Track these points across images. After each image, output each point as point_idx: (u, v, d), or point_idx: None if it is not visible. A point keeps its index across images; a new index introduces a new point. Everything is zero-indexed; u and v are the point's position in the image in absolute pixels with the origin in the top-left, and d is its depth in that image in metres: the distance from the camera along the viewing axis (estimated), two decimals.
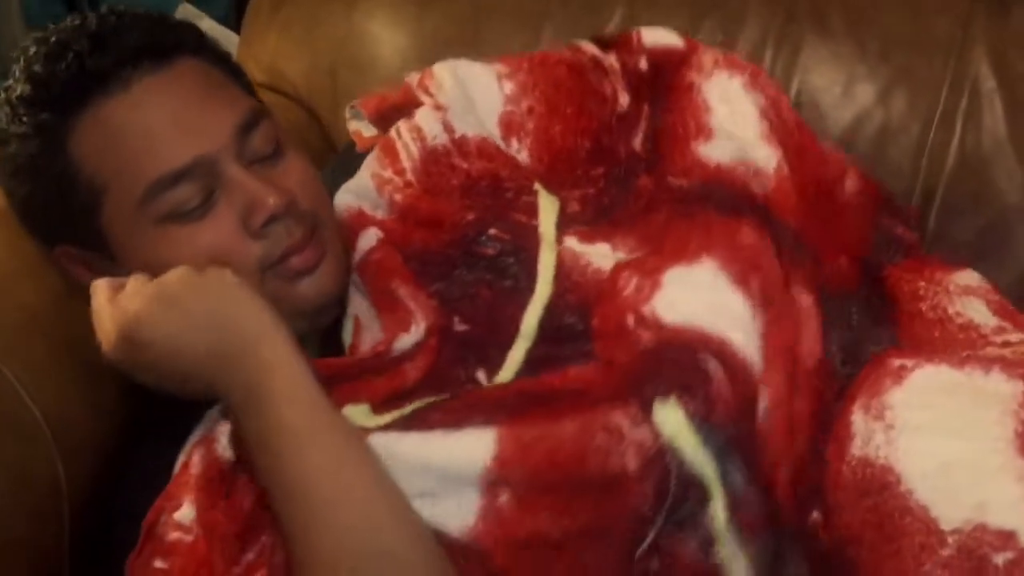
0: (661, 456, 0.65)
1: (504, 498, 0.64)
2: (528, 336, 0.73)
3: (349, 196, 0.79)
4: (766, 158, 0.80)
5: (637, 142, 0.83)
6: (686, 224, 0.76)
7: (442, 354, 0.72)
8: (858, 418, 0.69)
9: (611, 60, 0.88)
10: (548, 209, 0.79)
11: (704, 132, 0.81)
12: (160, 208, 0.71)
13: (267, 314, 0.68)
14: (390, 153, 0.79)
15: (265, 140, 0.75)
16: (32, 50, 0.74)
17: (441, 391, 0.70)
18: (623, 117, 0.85)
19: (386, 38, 1.08)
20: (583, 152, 0.81)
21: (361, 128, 0.86)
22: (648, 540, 0.64)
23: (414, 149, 0.78)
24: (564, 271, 0.75)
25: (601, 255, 0.75)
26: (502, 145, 0.82)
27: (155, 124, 0.72)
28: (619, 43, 0.89)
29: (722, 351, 0.68)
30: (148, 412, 0.78)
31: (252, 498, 0.66)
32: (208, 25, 1.92)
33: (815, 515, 0.67)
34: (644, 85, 0.86)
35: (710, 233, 0.74)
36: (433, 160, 0.78)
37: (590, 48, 0.90)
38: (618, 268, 0.74)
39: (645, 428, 0.65)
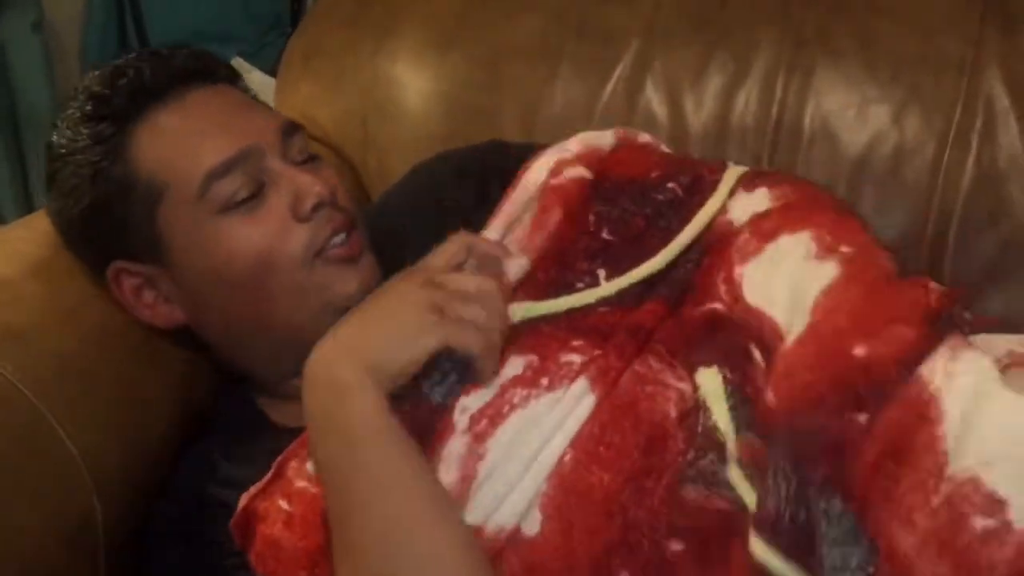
0: (696, 410, 0.72)
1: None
2: (653, 266, 0.80)
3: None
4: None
5: None
6: (814, 196, 0.83)
7: (576, 244, 0.82)
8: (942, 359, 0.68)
9: None
10: (732, 172, 0.87)
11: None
12: (216, 199, 0.78)
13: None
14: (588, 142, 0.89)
15: (303, 148, 0.84)
16: (89, 78, 0.83)
17: (562, 274, 0.80)
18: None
19: (409, 82, 1.12)
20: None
21: None
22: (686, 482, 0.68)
23: (610, 139, 0.91)
24: (708, 228, 0.82)
25: (755, 202, 0.83)
26: None
27: (206, 125, 0.81)
28: None
29: (772, 343, 0.73)
30: (184, 446, 0.84)
31: None
32: (258, 78, 2.00)
33: (861, 418, 0.66)
34: None
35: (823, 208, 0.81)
36: (630, 146, 0.90)
37: None
38: (748, 224, 0.80)
39: (687, 383, 0.73)
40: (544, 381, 0.72)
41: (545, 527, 0.67)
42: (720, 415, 0.71)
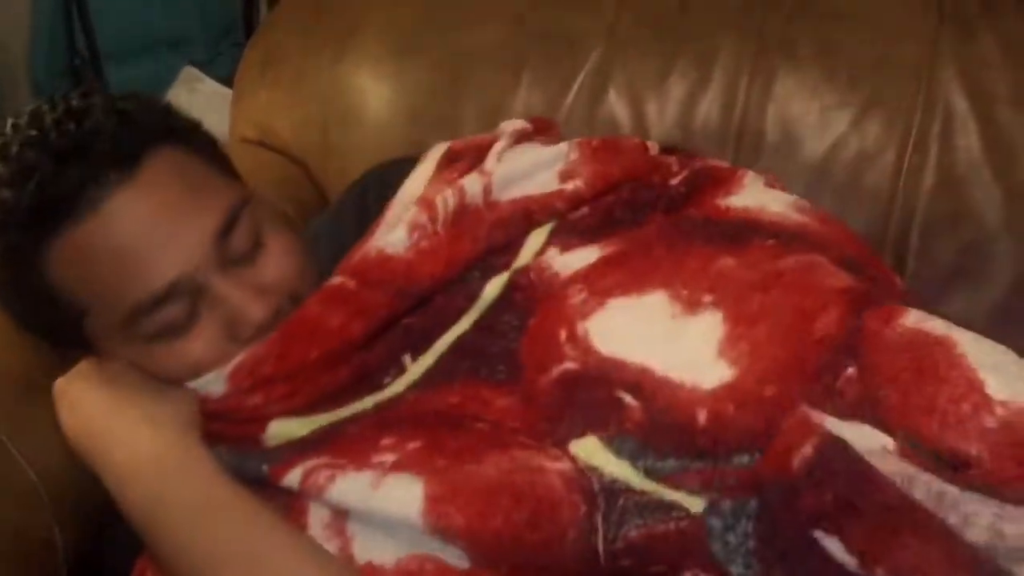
0: (582, 475, 0.68)
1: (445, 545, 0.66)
2: (462, 325, 0.75)
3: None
4: (789, 211, 0.82)
5: (673, 181, 0.84)
6: (662, 252, 0.77)
7: (377, 347, 0.75)
8: (914, 313, 0.68)
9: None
10: (535, 238, 0.81)
11: (734, 191, 0.84)
12: (144, 330, 0.71)
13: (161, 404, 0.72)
14: (430, 206, 0.79)
15: (245, 236, 0.73)
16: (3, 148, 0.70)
17: (366, 376, 0.75)
18: (670, 165, 0.87)
19: (371, 89, 1.11)
20: (624, 179, 0.83)
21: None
22: (601, 542, 0.65)
23: (451, 203, 0.79)
24: (521, 274, 0.77)
25: (577, 260, 0.77)
26: (552, 189, 0.82)
27: (128, 245, 0.69)
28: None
29: (640, 380, 0.70)
30: None
31: None
32: (210, 88, 1.97)
33: (850, 371, 0.66)
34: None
35: (680, 266, 0.75)
36: (463, 214, 0.79)
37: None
38: (575, 277, 0.75)
39: (564, 460, 0.69)
40: (352, 467, 0.70)
41: None
42: (612, 467, 0.68)
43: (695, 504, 0.65)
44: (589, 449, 0.69)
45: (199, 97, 1.96)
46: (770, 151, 1.02)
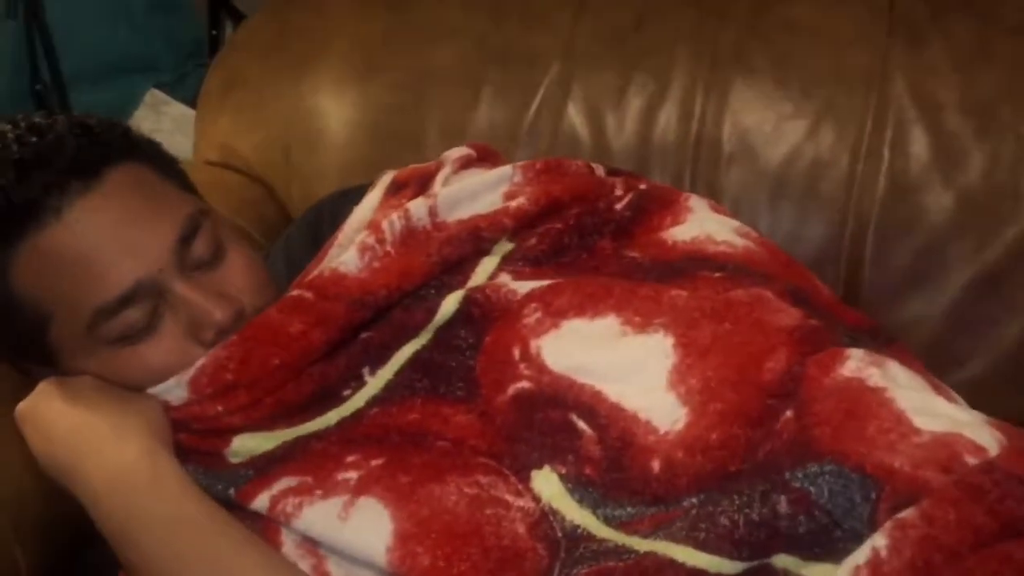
0: (545, 518, 0.69)
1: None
2: (420, 340, 0.76)
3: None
4: (734, 238, 0.84)
5: (619, 206, 0.86)
6: (614, 282, 0.78)
7: (337, 360, 0.76)
8: (856, 357, 0.70)
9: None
10: (486, 264, 0.82)
11: (677, 222, 0.85)
12: (107, 334, 0.72)
13: (130, 416, 0.72)
14: (377, 230, 0.80)
15: (205, 244, 0.74)
16: None
17: (327, 389, 0.75)
18: (613, 186, 0.88)
19: (333, 111, 1.12)
20: (567, 196, 0.84)
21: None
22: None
23: (398, 226, 0.80)
24: (477, 291, 0.77)
25: (531, 284, 0.78)
26: (496, 208, 0.83)
27: (91, 250, 0.70)
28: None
29: (594, 405, 0.71)
30: None
31: None
32: (177, 111, 1.98)
33: (788, 414, 0.67)
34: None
35: (632, 294, 0.76)
36: (411, 235, 0.80)
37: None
38: (530, 296, 0.76)
39: (527, 497, 0.70)
40: (319, 492, 0.71)
41: None
42: (574, 514, 0.69)
43: (644, 545, 0.66)
44: (552, 491, 0.70)
45: (166, 120, 1.96)
46: (727, 162, 1.04)
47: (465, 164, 0.88)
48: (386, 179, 0.88)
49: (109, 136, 0.74)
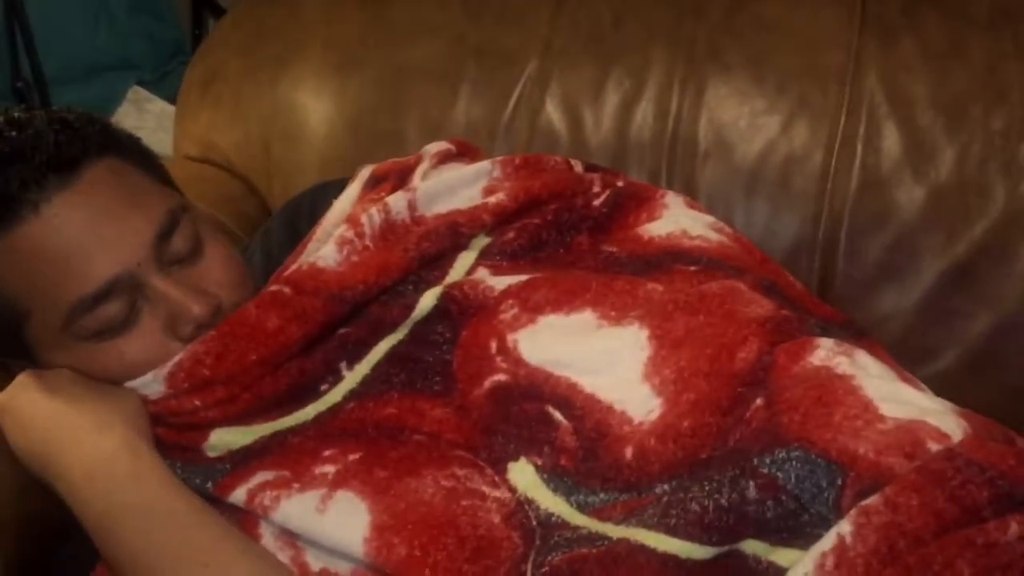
0: (520, 508, 0.70)
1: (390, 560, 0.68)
2: (397, 335, 0.77)
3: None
4: (709, 232, 0.85)
5: (596, 202, 0.87)
6: (590, 277, 0.80)
7: (314, 355, 0.76)
8: (825, 347, 0.71)
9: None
10: (464, 259, 0.83)
11: (653, 218, 0.86)
12: (85, 328, 0.72)
13: (108, 409, 0.72)
14: (356, 223, 0.81)
15: (184, 240, 0.75)
16: None
17: (305, 384, 0.76)
18: (591, 182, 0.89)
19: (312, 107, 1.12)
20: (545, 192, 0.85)
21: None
22: (530, 568, 0.67)
23: (377, 220, 0.81)
24: (455, 287, 0.78)
25: (508, 279, 0.79)
26: (475, 203, 0.83)
27: (69, 245, 0.71)
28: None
29: (569, 396, 0.72)
30: None
31: None
32: (159, 108, 1.98)
33: (759, 401, 0.68)
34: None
35: (608, 288, 0.78)
36: (390, 228, 0.81)
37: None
38: (507, 292, 0.77)
39: (503, 488, 0.71)
40: (296, 485, 0.71)
41: None
42: (549, 503, 0.70)
43: (617, 532, 0.67)
44: (527, 481, 0.71)
45: (148, 117, 1.96)
46: (703, 157, 1.05)
47: (444, 159, 0.89)
48: (365, 173, 0.88)
49: (88, 131, 0.74)
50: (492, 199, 0.82)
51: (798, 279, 0.86)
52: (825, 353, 0.70)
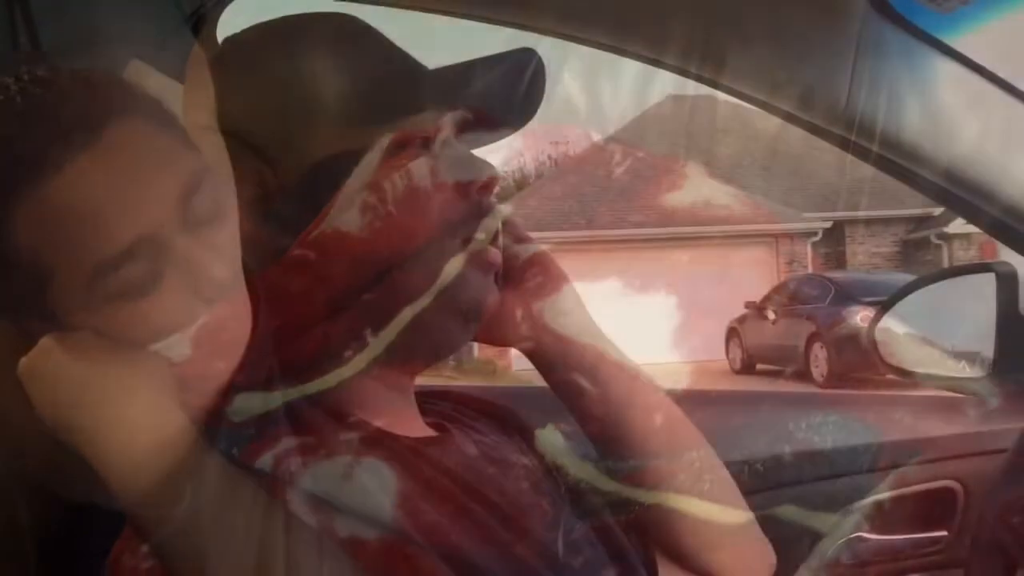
0: (549, 475, 0.73)
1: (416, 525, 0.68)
2: (422, 303, 0.77)
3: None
4: (729, 200, 0.85)
5: (619, 171, 0.86)
6: (616, 246, 0.80)
7: (339, 320, 0.77)
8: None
9: None
10: (489, 225, 0.82)
11: (675, 188, 0.86)
12: (108, 289, 0.72)
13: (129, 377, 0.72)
14: (378, 189, 0.81)
15: (207, 201, 0.76)
16: None
17: (329, 349, 0.77)
18: (612, 153, 0.89)
19: (327, 76, 1.11)
20: (567, 163, 0.84)
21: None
22: (560, 542, 0.67)
23: (400, 186, 0.81)
24: (479, 255, 0.78)
25: (532, 247, 0.79)
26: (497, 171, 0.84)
27: (94, 205, 0.72)
28: None
29: (596, 364, 0.72)
30: None
31: None
32: (158, 81, 1.95)
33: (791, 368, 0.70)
34: None
35: (632, 256, 0.78)
36: (413, 194, 0.81)
37: None
38: (531, 261, 0.77)
39: (531, 455, 0.74)
40: (322, 451, 0.72)
41: None
42: (577, 469, 0.72)
43: (648, 497, 0.67)
44: (555, 448, 0.72)
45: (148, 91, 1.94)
46: (723, 131, 1.04)
47: (465, 127, 0.88)
48: (384, 141, 0.88)
49: (113, 91, 0.75)
50: (514, 167, 0.82)
51: (814, 253, 0.86)
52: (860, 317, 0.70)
